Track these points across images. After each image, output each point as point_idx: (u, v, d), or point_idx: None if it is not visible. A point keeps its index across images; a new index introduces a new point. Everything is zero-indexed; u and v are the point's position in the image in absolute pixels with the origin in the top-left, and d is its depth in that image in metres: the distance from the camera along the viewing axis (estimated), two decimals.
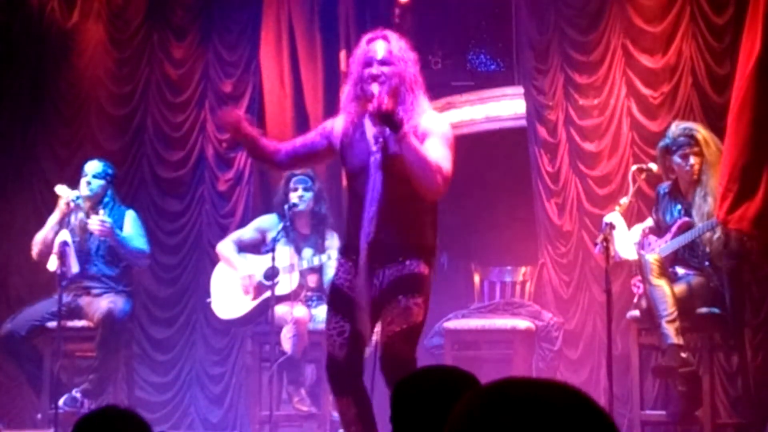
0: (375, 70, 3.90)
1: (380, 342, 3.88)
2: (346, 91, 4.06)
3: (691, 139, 5.25)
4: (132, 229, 6.01)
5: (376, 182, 3.87)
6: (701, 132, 5.29)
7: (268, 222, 6.12)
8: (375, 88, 3.83)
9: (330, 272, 6.00)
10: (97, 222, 5.78)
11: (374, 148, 3.89)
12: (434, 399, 2.14)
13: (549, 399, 1.12)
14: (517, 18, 6.77)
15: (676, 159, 5.30)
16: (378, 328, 4.00)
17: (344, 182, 4.39)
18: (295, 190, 5.95)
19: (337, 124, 4.09)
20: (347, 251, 4.03)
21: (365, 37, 4.05)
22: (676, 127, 5.36)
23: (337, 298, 4.00)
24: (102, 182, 6.01)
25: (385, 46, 3.95)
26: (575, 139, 6.31)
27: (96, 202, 5.99)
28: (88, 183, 5.97)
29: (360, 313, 3.90)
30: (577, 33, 6.33)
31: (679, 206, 5.36)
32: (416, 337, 3.88)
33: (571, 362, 6.20)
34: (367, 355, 4.14)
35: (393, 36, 4.00)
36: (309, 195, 6.02)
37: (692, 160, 5.25)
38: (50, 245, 5.71)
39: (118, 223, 5.95)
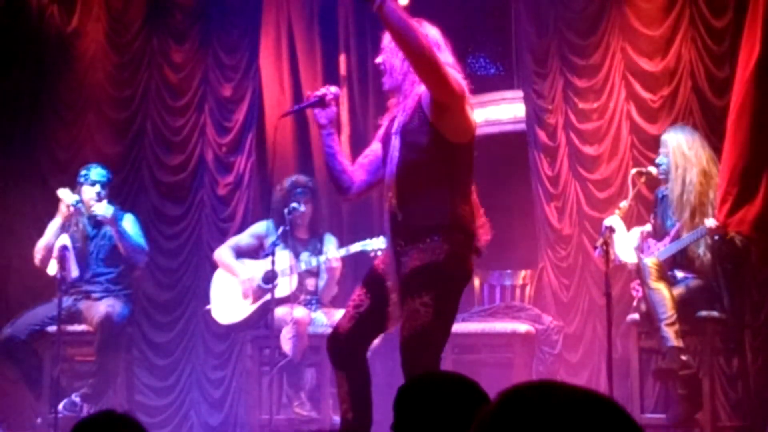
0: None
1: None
2: None
3: (661, 141, 5.39)
4: (131, 229, 6.03)
5: (393, 151, 3.79)
6: (671, 134, 5.36)
7: (263, 228, 6.11)
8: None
9: (326, 276, 6.00)
10: (103, 207, 5.80)
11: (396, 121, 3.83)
12: (437, 406, 2.13)
13: (588, 409, 1.09)
14: (516, 22, 6.77)
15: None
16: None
17: None
18: (299, 203, 5.92)
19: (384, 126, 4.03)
20: (385, 234, 3.91)
21: None
22: None
23: (369, 275, 3.88)
24: (107, 189, 6.04)
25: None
26: (575, 143, 6.31)
27: None
28: (98, 193, 5.97)
29: (391, 295, 3.73)
30: (576, 36, 6.34)
31: None
32: (429, 339, 3.64)
33: (571, 366, 6.19)
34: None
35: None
36: (309, 206, 6.03)
37: (658, 159, 5.38)
38: (52, 251, 5.72)
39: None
